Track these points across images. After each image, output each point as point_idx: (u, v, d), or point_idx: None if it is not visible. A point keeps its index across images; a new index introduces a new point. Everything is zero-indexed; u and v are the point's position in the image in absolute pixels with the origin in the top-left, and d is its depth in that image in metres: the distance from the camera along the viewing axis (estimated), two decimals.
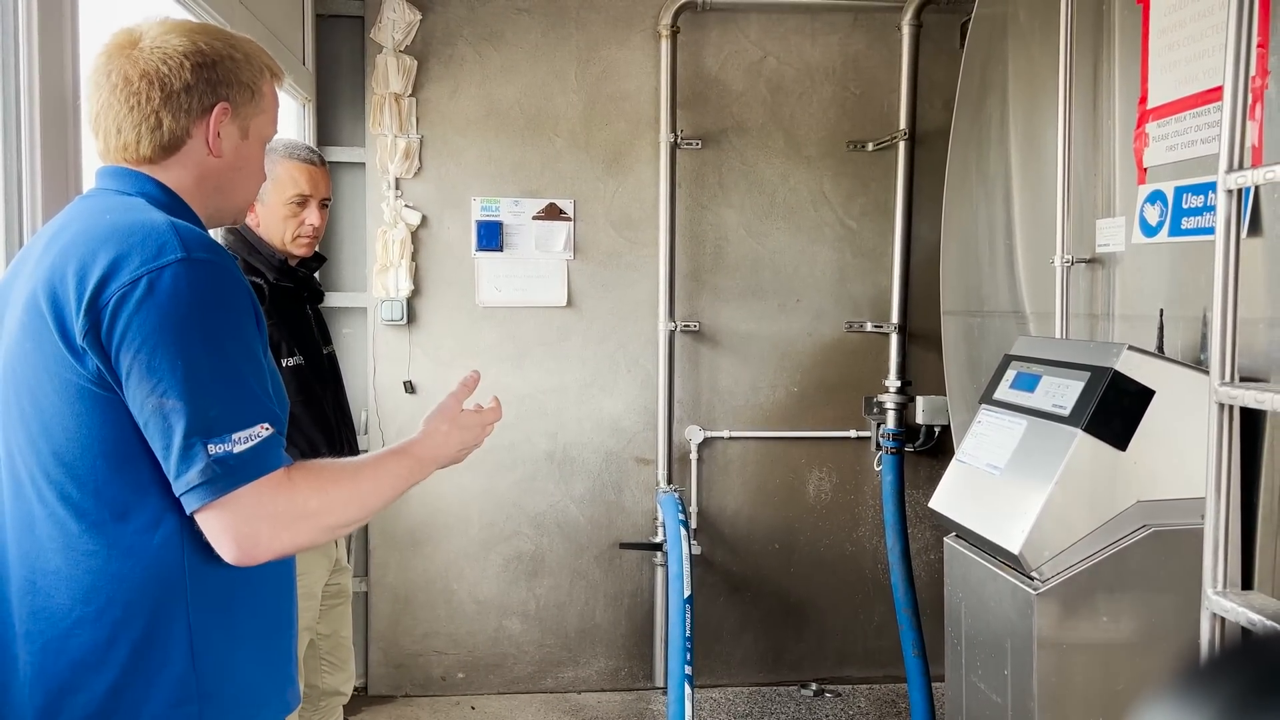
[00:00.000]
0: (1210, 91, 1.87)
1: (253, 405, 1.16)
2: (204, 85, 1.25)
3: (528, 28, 3.62)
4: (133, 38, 1.25)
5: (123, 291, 1.12)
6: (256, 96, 1.32)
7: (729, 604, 3.81)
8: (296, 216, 2.21)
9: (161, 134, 1.25)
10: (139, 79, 1.23)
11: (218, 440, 1.11)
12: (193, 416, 1.11)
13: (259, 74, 1.32)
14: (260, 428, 1.15)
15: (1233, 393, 1.45)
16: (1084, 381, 1.86)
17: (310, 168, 2.24)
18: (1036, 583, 1.83)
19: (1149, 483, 1.79)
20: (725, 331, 3.75)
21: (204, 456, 1.11)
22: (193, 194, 1.29)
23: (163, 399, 1.11)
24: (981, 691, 2.04)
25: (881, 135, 3.69)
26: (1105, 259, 2.25)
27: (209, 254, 1.17)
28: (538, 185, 3.65)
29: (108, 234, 1.16)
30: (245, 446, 1.13)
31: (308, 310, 2.30)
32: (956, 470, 2.18)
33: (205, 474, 1.11)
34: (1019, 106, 2.65)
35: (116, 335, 1.12)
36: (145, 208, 1.22)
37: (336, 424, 2.29)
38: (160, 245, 1.14)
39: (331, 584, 2.37)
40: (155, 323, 1.11)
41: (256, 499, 1.14)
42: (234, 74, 1.28)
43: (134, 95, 1.23)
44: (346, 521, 1.25)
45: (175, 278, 1.12)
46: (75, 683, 1.17)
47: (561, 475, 3.72)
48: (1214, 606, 1.51)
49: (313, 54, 3.48)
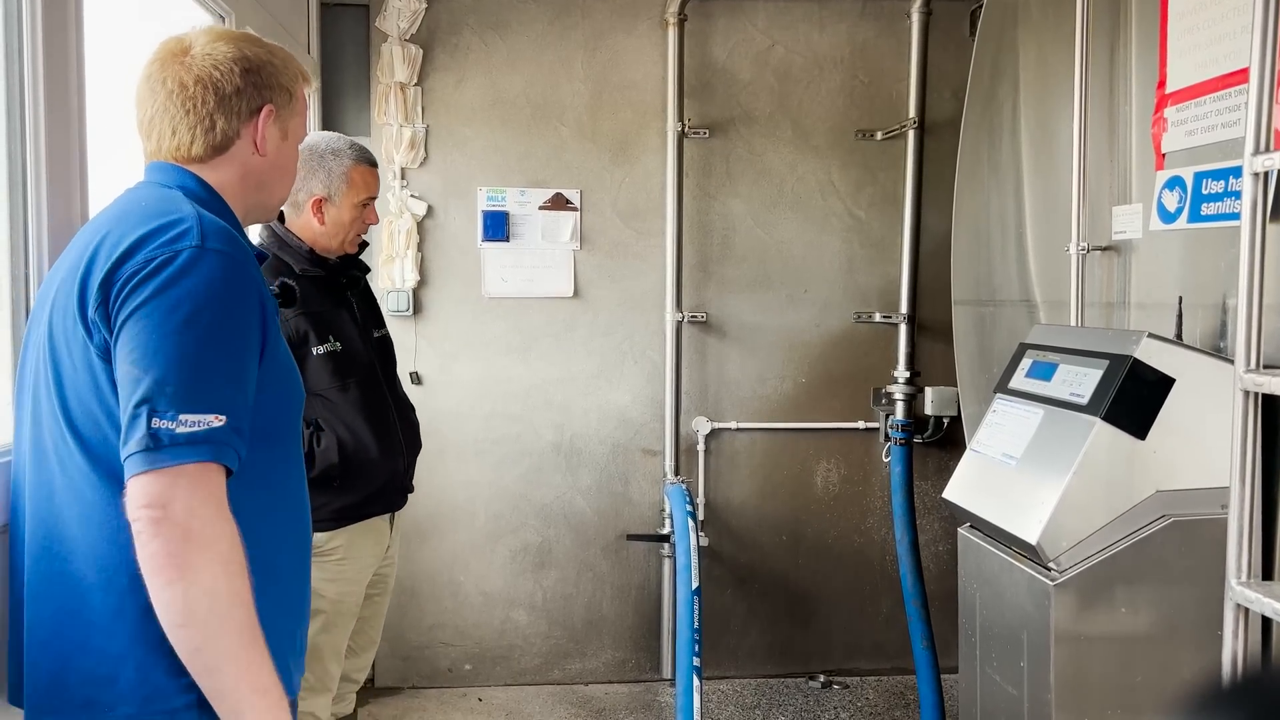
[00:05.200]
0: (1231, 75, 1.84)
1: (214, 393, 1.17)
2: (251, 89, 1.35)
3: (533, 16, 3.59)
4: (183, 46, 1.34)
5: (135, 268, 1.19)
6: (293, 99, 1.42)
7: (736, 596, 3.79)
8: (360, 218, 2.29)
9: (215, 135, 1.34)
10: (194, 84, 1.32)
11: (164, 415, 1.14)
12: (150, 386, 1.14)
13: (294, 79, 1.42)
14: (213, 417, 1.16)
15: (1258, 379, 1.43)
16: (1102, 370, 1.84)
17: (376, 170, 2.33)
18: (1054, 573, 1.81)
19: (1168, 472, 1.77)
20: (733, 322, 3.72)
21: (145, 426, 1.14)
22: (235, 191, 1.38)
23: (132, 365, 1.16)
24: (997, 683, 2.02)
25: (890, 124, 3.66)
26: (1121, 246, 2.23)
27: (226, 246, 1.22)
28: (544, 175, 3.62)
29: (138, 219, 1.24)
30: (189, 429, 1.15)
31: (348, 297, 2.31)
32: (971, 460, 2.16)
33: (141, 443, 1.14)
34: (1031, 94, 2.63)
35: (121, 308, 1.18)
36: (180, 199, 1.28)
37: (381, 406, 2.28)
38: (181, 232, 1.21)
39: (376, 574, 2.38)
40: (151, 297, 1.17)
41: (174, 481, 1.14)
42: (275, 78, 1.38)
43: (189, 100, 1.32)
44: (207, 584, 1.14)
45: (186, 262, 1.19)
46: (84, 646, 1.22)
47: (568, 467, 3.70)
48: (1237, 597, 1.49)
49: (317, 43, 3.45)
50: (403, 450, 2.33)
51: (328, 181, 2.22)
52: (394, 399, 2.35)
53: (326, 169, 2.22)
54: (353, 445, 2.19)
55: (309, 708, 2.23)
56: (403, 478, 2.35)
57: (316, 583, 2.21)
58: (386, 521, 2.36)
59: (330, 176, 2.22)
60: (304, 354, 2.18)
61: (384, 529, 2.35)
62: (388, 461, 2.26)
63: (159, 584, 1.15)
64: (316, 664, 2.22)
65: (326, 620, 2.22)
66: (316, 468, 2.15)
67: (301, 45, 3.31)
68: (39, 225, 1.62)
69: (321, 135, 2.30)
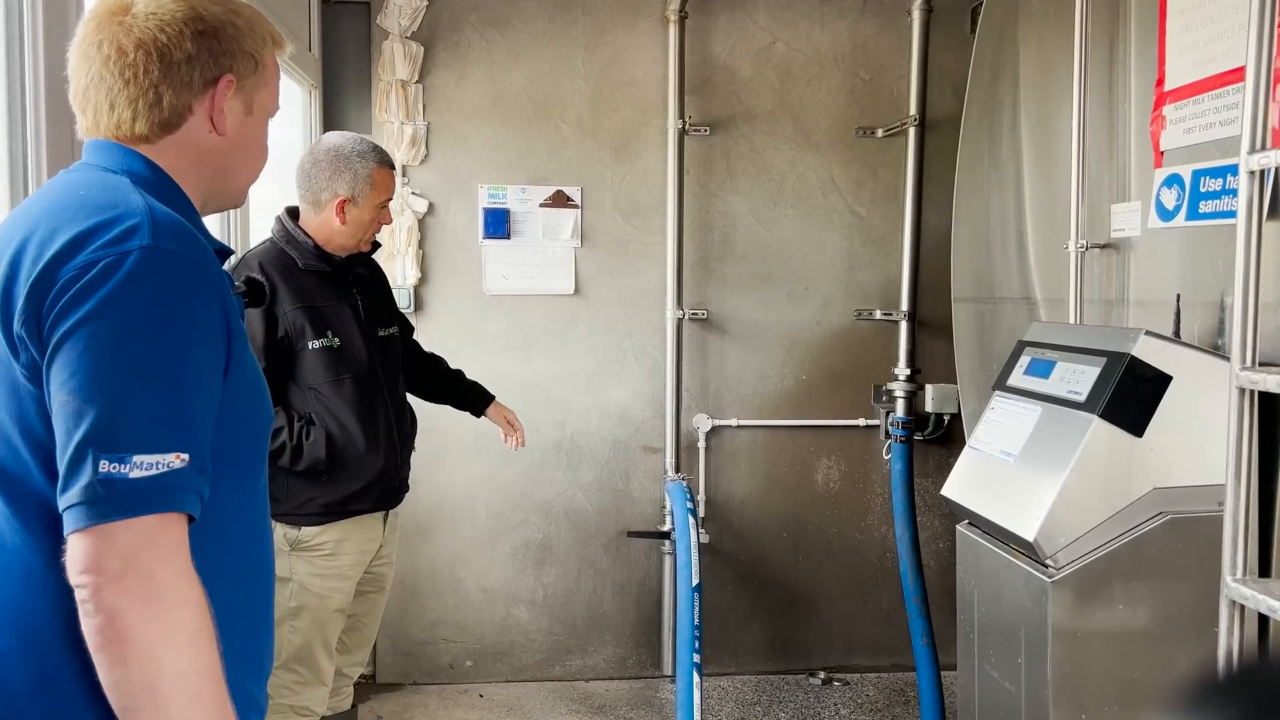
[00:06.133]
0: (1229, 73, 1.85)
1: (174, 427, 0.98)
2: (206, 56, 1.12)
3: (534, 13, 3.60)
4: (124, 3, 1.11)
5: (73, 275, 0.98)
6: (260, 68, 1.19)
7: (737, 592, 3.80)
8: (378, 218, 2.32)
9: (161, 110, 1.12)
10: (135, 49, 1.09)
11: (114, 457, 0.94)
12: (96, 423, 0.95)
13: (261, 43, 1.18)
14: (174, 456, 0.97)
15: (1254, 377, 1.43)
16: (1100, 367, 1.84)
17: (394, 172, 2.37)
18: (1051, 570, 1.81)
19: (1166, 469, 1.78)
20: (733, 319, 3.73)
21: (90, 472, 0.94)
22: (190, 176, 1.17)
23: (72, 396, 0.96)
24: (994, 679, 2.03)
25: (891, 121, 3.66)
26: (1120, 244, 2.23)
27: (179, 246, 1.03)
28: (545, 172, 3.63)
29: (75, 212, 1.04)
30: (144, 474, 0.95)
31: (353, 294, 2.33)
32: (969, 457, 2.16)
33: (85, 493, 0.94)
34: (1031, 91, 2.63)
35: (56, 323, 0.98)
36: (126, 188, 1.08)
37: (374, 404, 2.29)
38: (128, 229, 1.01)
39: (370, 572, 2.39)
40: (94, 310, 0.97)
41: (129, 539, 0.94)
42: (237, 43, 1.15)
43: (130, 68, 1.10)
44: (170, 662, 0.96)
45: (134, 266, 0.99)
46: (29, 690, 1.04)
47: (569, 464, 3.71)
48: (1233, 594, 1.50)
49: (319, 40, 3.46)
50: (395, 449, 2.33)
51: (353, 183, 2.25)
52: (391, 398, 2.36)
53: (352, 171, 2.25)
54: (341, 440, 2.21)
55: (304, 702, 2.24)
56: (395, 476, 2.36)
57: (304, 577, 2.22)
58: (379, 520, 2.36)
59: (355, 178, 2.25)
60: (300, 349, 2.19)
61: (376, 527, 2.35)
62: (376, 458, 2.27)
63: (108, 661, 0.95)
64: (308, 659, 2.24)
65: (314, 615, 2.23)
66: (304, 461, 2.18)
67: (303, 42, 3.31)
68: None
69: (343, 136, 2.33)
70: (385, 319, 2.44)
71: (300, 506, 2.22)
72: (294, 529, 2.22)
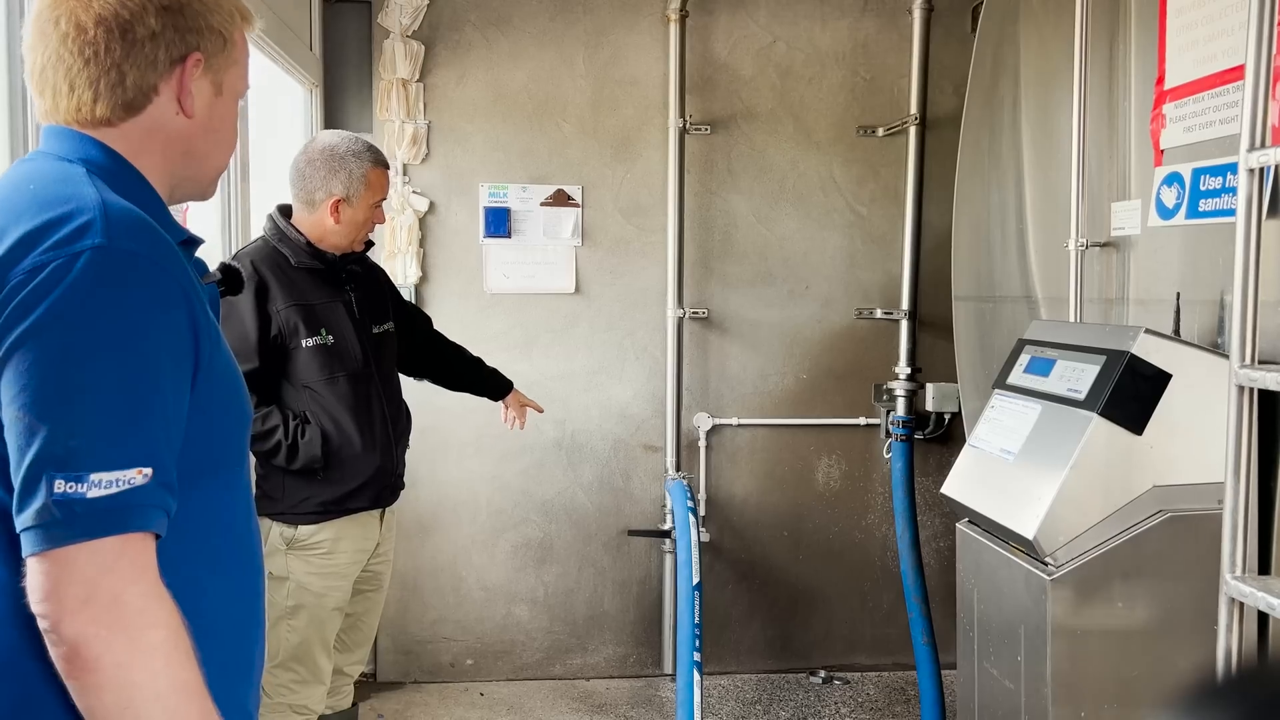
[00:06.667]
0: (1229, 71, 1.85)
1: (133, 440, 0.92)
2: (172, 33, 1.06)
3: (535, 12, 3.60)
4: None
5: (21, 278, 0.93)
6: (229, 45, 1.12)
7: (737, 591, 3.80)
8: (371, 218, 2.32)
9: (124, 91, 1.05)
10: (94, 25, 1.03)
11: (70, 476, 0.89)
12: (48, 440, 0.89)
13: (230, 19, 1.12)
14: (135, 472, 0.92)
15: (1253, 375, 1.43)
16: (1100, 365, 1.85)
17: (388, 172, 2.37)
18: (1051, 568, 1.81)
19: (1165, 467, 1.78)
20: (734, 318, 3.73)
21: (45, 494, 0.89)
22: (155, 162, 1.10)
23: (23, 411, 0.91)
24: (994, 677, 2.03)
25: (892, 120, 3.66)
26: (1120, 242, 2.23)
27: (136, 244, 0.97)
28: (546, 171, 3.63)
29: (24, 208, 0.98)
30: (103, 492, 0.90)
31: (347, 291, 2.33)
32: (969, 455, 2.17)
33: (40, 515, 0.89)
34: (1031, 90, 2.63)
35: (4, 333, 0.92)
36: (81, 179, 1.01)
37: (368, 401, 2.29)
38: (79, 227, 0.95)
39: (368, 570, 2.38)
40: (43, 318, 0.91)
41: (89, 562, 0.90)
42: (204, 19, 1.09)
43: (89, 45, 1.03)
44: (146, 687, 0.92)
45: (87, 267, 0.93)
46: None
47: (570, 462, 3.71)
48: (1232, 591, 1.50)
49: (320, 39, 3.46)
50: (391, 446, 2.33)
51: (348, 183, 2.24)
52: (386, 395, 2.36)
53: (348, 171, 2.24)
54: (337, 438, 2.21)
55: (302, 700, 2.25)
56: (391, 474, 2.36)
57: (301, 576, 2.23)
58: (376, 517, 2.36)
59: (350, 178, 2.24)
60: (294, 346, 2.19)
61: (373, 524, 2.36)
62: (372, 456, 2.27)
63: (79, 690, 0.91)
64: (306, 657, 2.24)
65: (311, 614, 2.23)
66: (300, 460, 2.17)
67: (304, 41, 3.32)
68: None
69: (338, 135, 2.31)
70: (380, 316, 2.43)
71: (296, 505, 2.22)
72: (290, 528, 2.22)
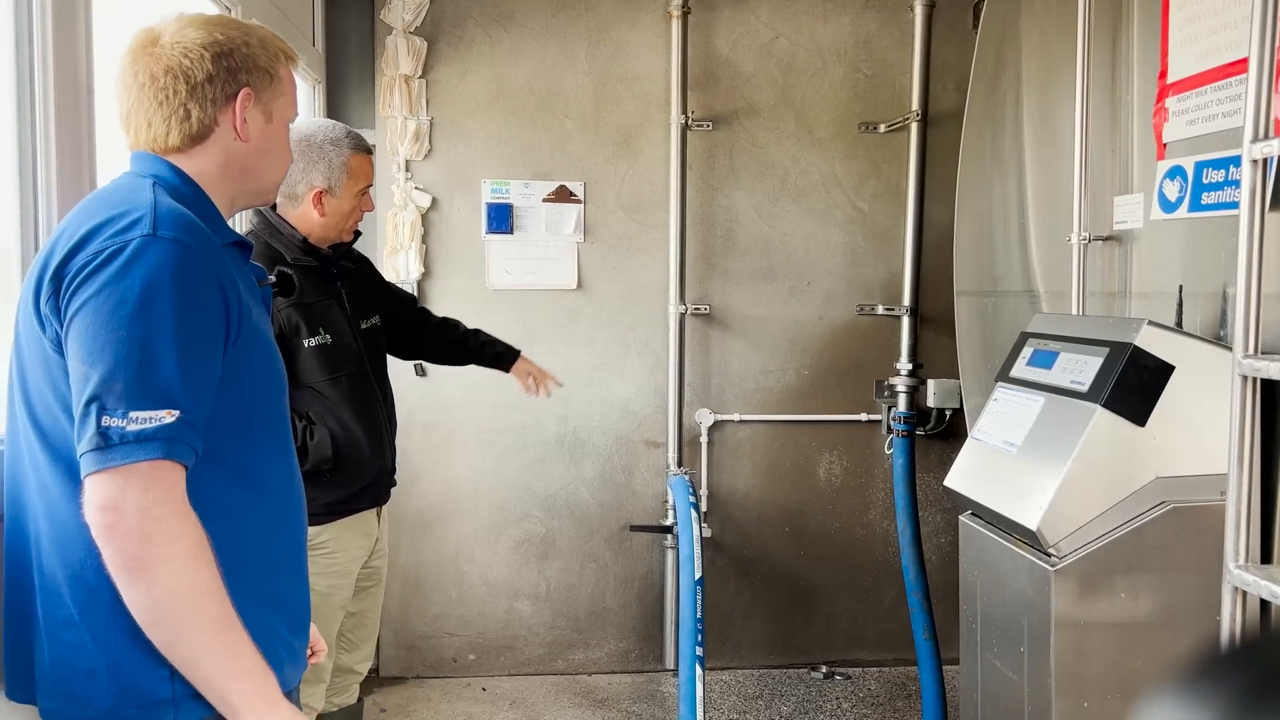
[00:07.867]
0: (1231, 65, 1.85)
1: (164, 387, 1.15)
2: (225, 74, 1.31)
3: (537, 9, 3.61)
4: (153, 36, 1.31)
5: (85, 260, 1.17)
6: (275, 80, 1.37)
7: (739, 587, 3.81)
8: (359, 206, 2.25)
9: (190, 124, 1.31)
10: (164, 74, 1.29)
11: (114, 413, 1.13)
12: (99, 383, 1.13)
13: (275, 59, 1.37)
14: (165, 413, 1.14)
15: (1256, 364, 1.44)
16: (1103, 357, 1.85)
17: (372, 157, 2.29)
18: (1054, 559, 1.82)
19: (1168, 458, 1.79)
20: (736, 314, 3.74)
21: (95, 425, 1.13)
22: (219, 179, 1.35)
23: (80, 362, 1.15)
24: (997, 669, 2.04)
25: (893, 117, 3.66)
26: (1122, 236, 2.24)
27: (179, 234, 1.20)
28: (548, 167, 3.64)
29: (96, 209, 1.23)
30: (140, 426, 1.13)
31: (338, 288, 2.28)
32: (972, 448, 2.17)
33: (92, 442, 1.13)
34: (1033, 85, 2.64)
35: (70, 301, 1.17)
36: (144, 188, 1.26)
37: (369, 399, 2.27)
38: (132, 221, 1.19)
39: (368, 566, 2.38)
40: (97, 289, 1.16)
41: (127, 481, 1.13)
42: (251, 60, 1.33)
43: (161, 91, 1.29)
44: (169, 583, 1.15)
45: (134, 252, 1.17)
46: (61, 640, 1.23)
47: (571, 458, 3.72)
48: (1235, 580, 1.50)
49: (323, 35, 3.47)
50: (389, 443, 2.33)
51: (328, 173, 2.17)
52: (381, 392, 2.34)
53: (327, 160, 2.16)
54: (344, 439, 2.17)
55: (303, 699, 2.24)
56: (390, 471, 2.35)
57: None
58: (374, 515, 2.36)
59: (331, 168, 2.17)
60: (295, 346, 2.14)
61: (372, 522, 2.35)
62: (378, 455, 2.25)
63: (122, 584, 1.15)
64: None
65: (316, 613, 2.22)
66: (310, 461, 2.13)
67: (307, 38, 3.32)
68: (49, 214, 1.63)
69: (316, 124, 2.24)
70: (367, 310, 2.38)
71: None
72: None
